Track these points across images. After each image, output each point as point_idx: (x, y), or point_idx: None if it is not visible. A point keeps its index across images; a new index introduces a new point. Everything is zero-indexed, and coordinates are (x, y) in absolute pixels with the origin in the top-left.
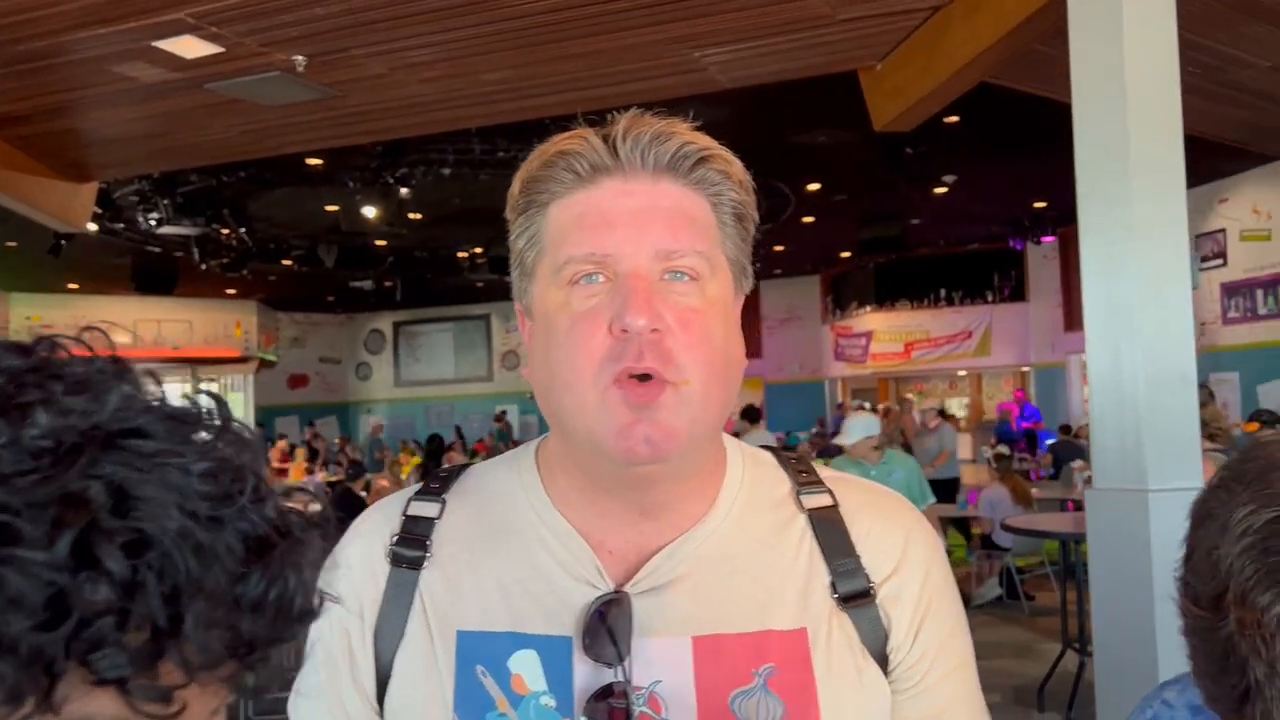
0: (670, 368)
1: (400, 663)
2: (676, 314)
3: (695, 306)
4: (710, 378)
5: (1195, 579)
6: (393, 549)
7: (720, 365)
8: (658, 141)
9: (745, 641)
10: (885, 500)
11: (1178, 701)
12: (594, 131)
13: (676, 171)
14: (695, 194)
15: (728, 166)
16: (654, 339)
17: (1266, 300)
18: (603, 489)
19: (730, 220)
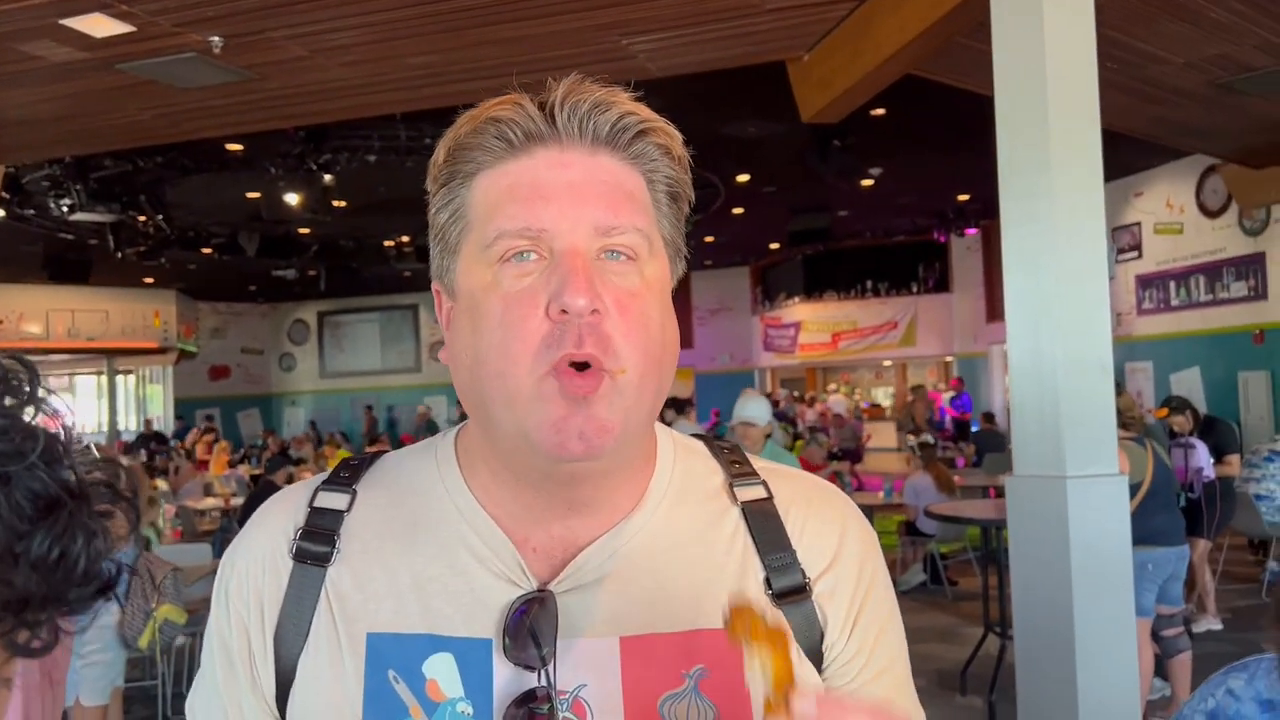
0: (609, 355)
1: (304, 666)
2: (614, 296)
3: (633, 288)
4: (647, 366)
5: None
6: (297, 543)
7: (657, 352)
8: (597, 111)
9: (675, 641)
10: (820, 492)
11: (1244, 693)
12: (529, 98)
13: (615, 144)
14: (631, 169)
15: (669, 141)
16: (592, 322)
17: (1179, 291)
18: (527, 483)
19: (665, 199)
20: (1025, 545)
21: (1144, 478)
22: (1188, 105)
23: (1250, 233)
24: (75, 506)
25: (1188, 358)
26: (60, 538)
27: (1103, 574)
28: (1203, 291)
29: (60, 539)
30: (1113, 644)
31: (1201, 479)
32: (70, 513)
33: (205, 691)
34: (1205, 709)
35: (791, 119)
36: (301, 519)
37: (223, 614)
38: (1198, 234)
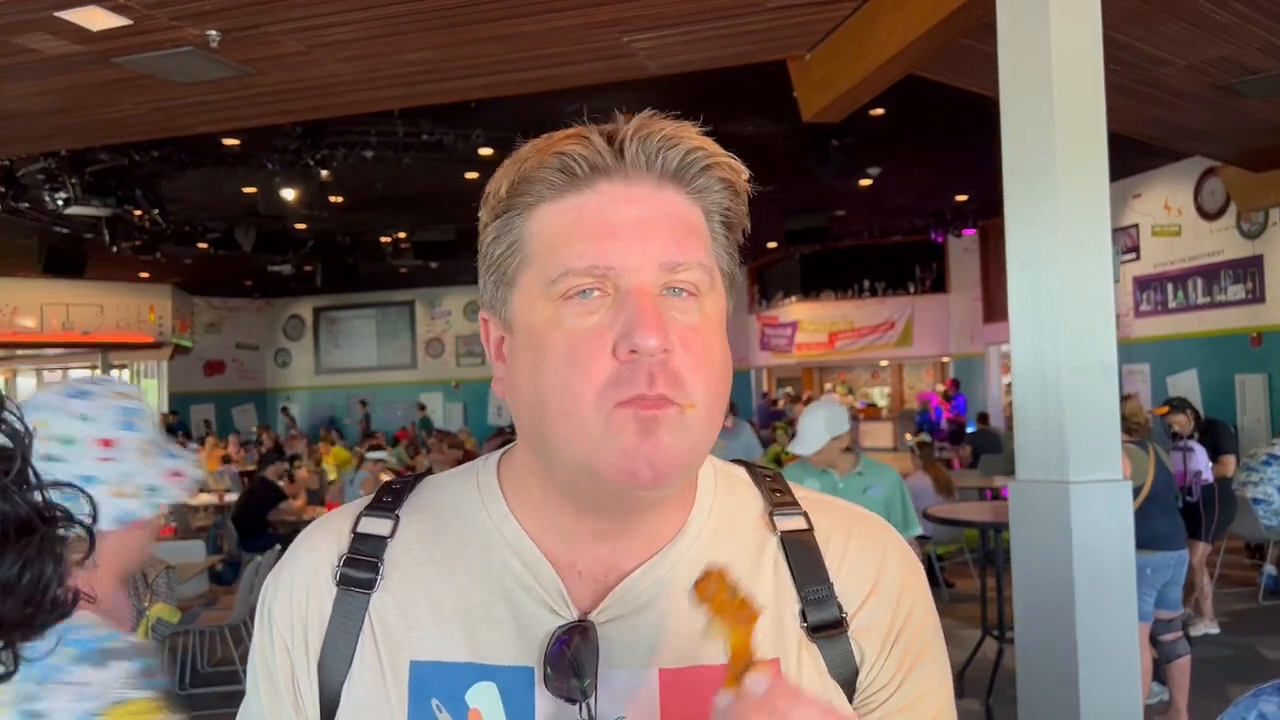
0: (679, 391)
1: (348, 693)
2: (680, 333)
3: (696, 324)
4: (713, 400)
5: None
6: (341, 570)
7: (720, 385)
8: (667, 145)
9: (715, 674)
10: (861, 522)
11: (1277, 715)
12: (596, 130)
13: (681, 179)
14: (693, 203)
15: (734, 176)
16: (662, 360)
17: (1176, 294)
18: (572, 510)
19: (720, 230)
20: (1028, 550)
21: (1145, 481)
22: (1189, 107)
23: (1248, 235)
24: (46, 531)
25: (1185, 360)
26: (32, 562)
27: (1106, 579)
28: (1200, 294)
29: (32, 563)
30: (1115, 650)
31: (1200, 482)
32: (42, 537)
33: (249, 714)
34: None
35: (790, 118)
36: (345, 545)
37: (266, 637)
38: (1195, 236)
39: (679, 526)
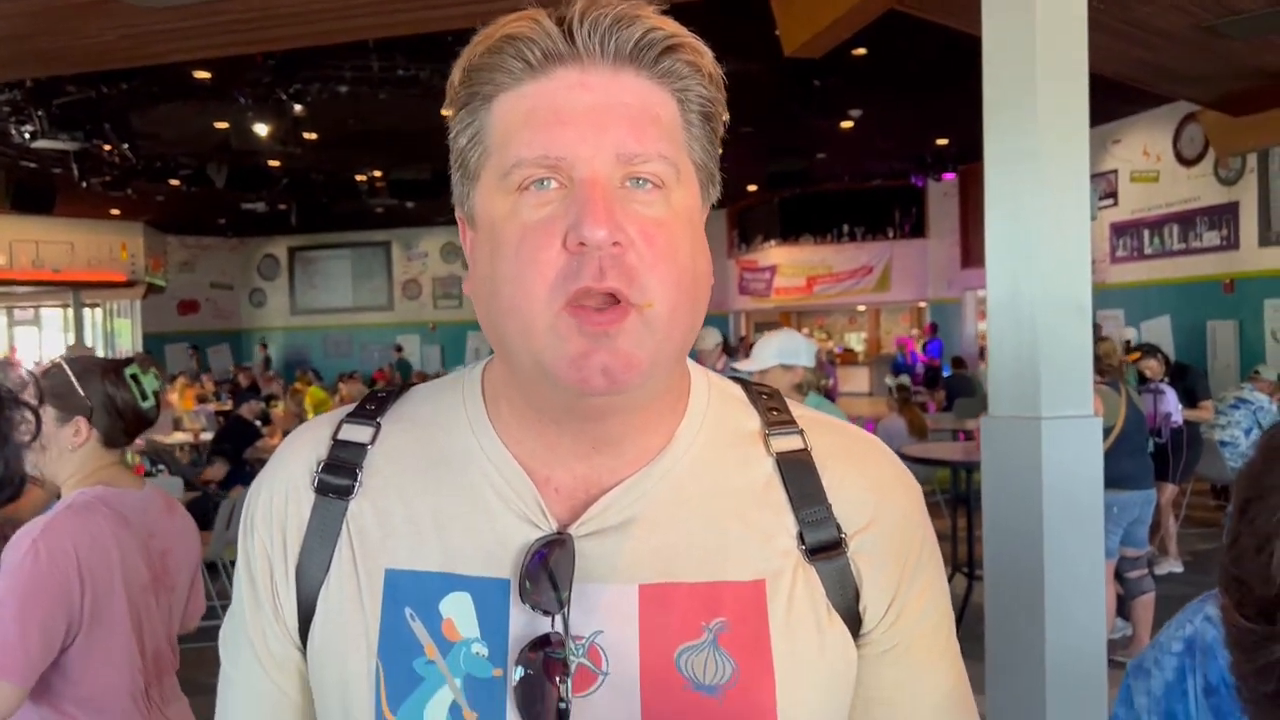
0: (634, 287)
1: (324, 599)
2: (639, 227)
3: (659, 218)
4: (677, 299)
5: (1242, 576)
6: (319, 476)
7: (688, 284)
8: (620, 26)
9: (696, 592)
10: (863, 445)
11: None
12: (547, 13)
13: (640, 62)
14: (660, 89)
15: (698, 58)
16: (615, 254)
17: (1152, 240)
18: (550, 419)
19: (698, 120)
20: (998, 485)
21: (1116, 422)
22: (1171, 48)
23: (1225, 182)
24: None
25: (1159, 306)
26: None
27: (1074, 515)
28: (1176, 240)
29: None
30: (1081, 584)
31: (1170, 425)
32: None
33: (235, 622)
34: (1183, 635)
35: (772, 57)
36: (324, 451)
37: (249, 543)
38: (1173, 182)
39: (665, 442)
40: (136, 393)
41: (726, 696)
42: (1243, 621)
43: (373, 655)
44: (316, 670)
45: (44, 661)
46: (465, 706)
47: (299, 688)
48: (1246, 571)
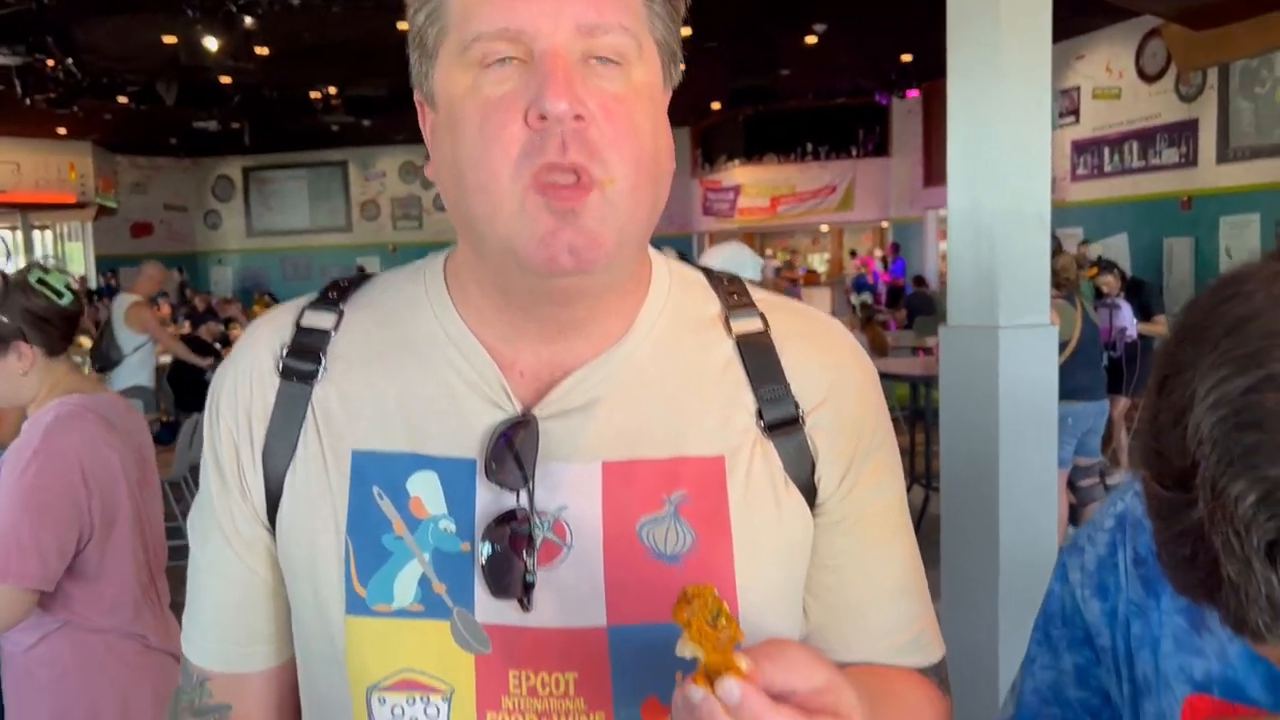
0: (596, 162)
1: (291, 482)
2: (600, 101)
3: (620, 93)
4: (639, 176)
5: (1160, 449)
6: (283, 361)
7: (649, 163)
8: None
9: (658, 468)
10: (820, 325)
11: None
12: None
13: None
14: None
15: None
16: (577, 128)
17: (1112, 158)
18: (516, 304)
19: None
20: (956, 394)
21: (1072, 335)
22: None
23: (1185, 99)
24: None
25: (1117, 224)
26: None
27: (1029, 422)
28: (1135, 158)
29: None
30: (1035, 489)
31: (1125, 339)
32: None
33: (202, 508)
34: (1114, 512)
35: None
36: (288, 336)
37: (215, 429)
38: (1135, 99)
39: (627, 326)
40: (51, 295)
41: (686, 565)
42: (1161, 491)
43: (341, 532)
44: (285, 549)
45: (61, 568)
46: (434, 579)
47: (268, 567)
48: (1164, 444)
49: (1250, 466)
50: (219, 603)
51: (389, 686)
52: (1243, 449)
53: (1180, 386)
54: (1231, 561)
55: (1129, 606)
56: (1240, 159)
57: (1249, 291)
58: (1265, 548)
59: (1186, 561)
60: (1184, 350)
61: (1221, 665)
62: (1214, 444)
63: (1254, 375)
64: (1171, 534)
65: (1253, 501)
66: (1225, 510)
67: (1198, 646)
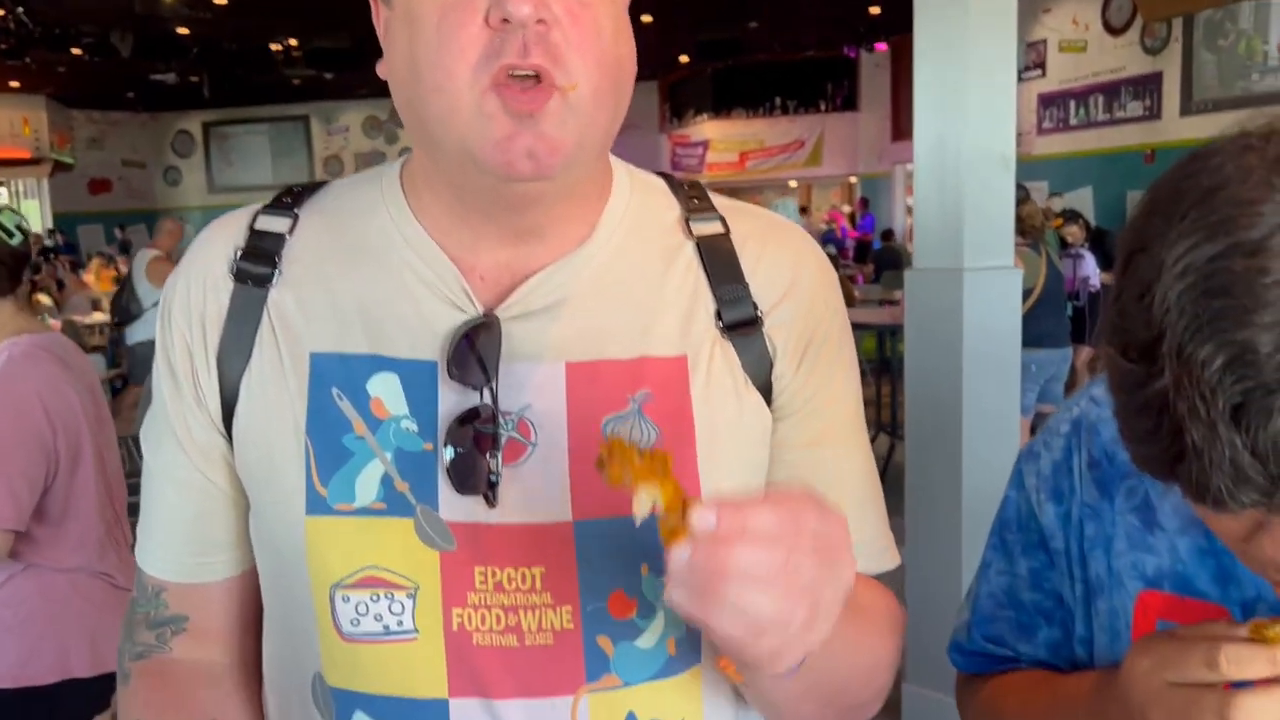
0: (559, 67)
1: (247, 385)
2: (564, 5)
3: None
4: (601, 81)
5: (1125, 324)
6: (237, 264)
7: (611, 67)
8: None
9: (621, 368)
10: (778, 228)
11: (1106, 399)
12: None
13: None
14: None
15: None
16: (539, 31)
17: (1078, 111)
18: (475, 208)
19: None
20: (920, 338)
21: (1036, 283)
22: None
23: (1150, 51)
24: None
25: (1082, 177)
26: None
27: (993, 366)
28: (1100, 111)
29: None
30: (997, 433)
31: (1088, 288)
32: None
33: (155, 417)
34: (1070, 417)
35: None
36: (242, 240)
37: (167, 335)
38: (1100, 52)
39: (588, 230)
40: (2, 235)
41: None
42: (1125, 363)
43: (300, 433)
44: (243, 453)
45: (31, 507)
46: (396, 478)
47: (225, 475)
48: (1129, 319)
49: (1218, 331)
50: (175, 512)
51: (352, 584)
52: (1211, 314)
53: (1146, 260)
54: (1196, 427)
55: (1083, 509)
56: (1203, 111)
57: (1217, 164)
58: (1230, 411)
59: (1149, 434)
60: (1151, 224)
61: (1172, 561)
62: (1181, 311)
63: (1222, 243)
64: (1135, 407)
65: (1220, 365)
66: (1191, 375)
67: (1149, 544)
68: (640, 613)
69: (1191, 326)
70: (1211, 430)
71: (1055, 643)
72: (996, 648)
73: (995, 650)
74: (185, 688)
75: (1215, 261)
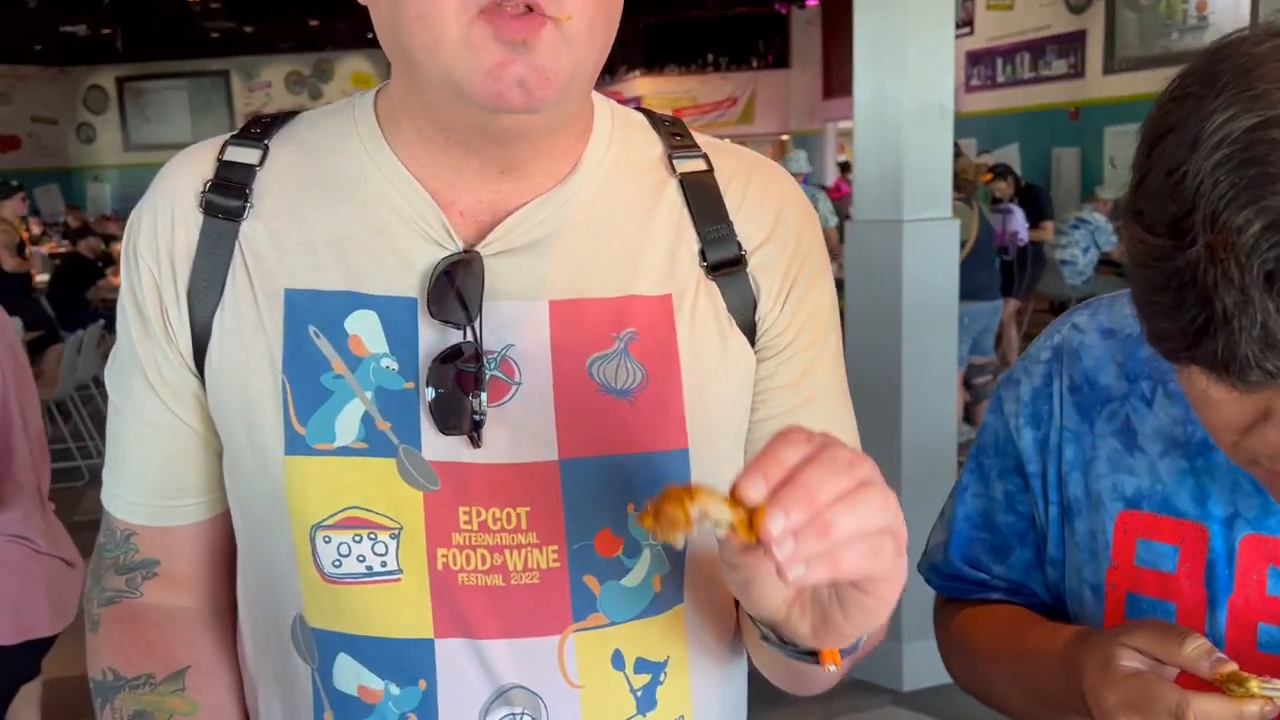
0: (552, 2)
1: (220, 322)
2: None
3: None
4: (595, 14)
5: (1150, 204)
6: (206, 196)
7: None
8: None
9: (606, 306)
10: (761, 167)
11: (1088, 325)
12: None
13: None
14: None
15: None
16: None
17: (1005, 69)
18: (457, 142)
19: None
20: (861, 289)
21: (969, 236)
22: None
23: (1075, 9)
24: None
25: (1009, 135)
26: None
27: (931, 315)
28: (1027, 69)
29: None
30: (936, 381)
31: (1017, 243)
32: None
33: (122, 358)
34: (1050, 344)
35: None
36: (210, 171)
37: (133, 272)
38: (1027, 10)
39: (571, 166)
40: None
41: (637, 400)
42: (1152, 239)
43: (277, 372)
44: (217, 393)
45: None
46: (378, 417)
47: (197, 416)
48: (1157, 198)
49: (1255, 198)
50: (145, 454)
51: (333, 525)
52: (1247, 181)
53: (1176, 140)
54: (1228, 293)
55: (1062, 432)
56: (1125, 70)
57: (1249, 49)
58: (1265, 276)
59: (1173, 309)
60: (1182, 106)
61: (1152, 481)
62: (1216, 181)
63: (1260, 114)
64: (1158, 282)
65: (1256, 231)
66: (1226, 242)
67: (1130, 465)
68: (626, 550)
69: (1228, 195)
70: (1244, 295)
71: (1027, 563)
72: (972, 570)
73: (970, 573)
74: (158, 632)
75: (1253, 132)
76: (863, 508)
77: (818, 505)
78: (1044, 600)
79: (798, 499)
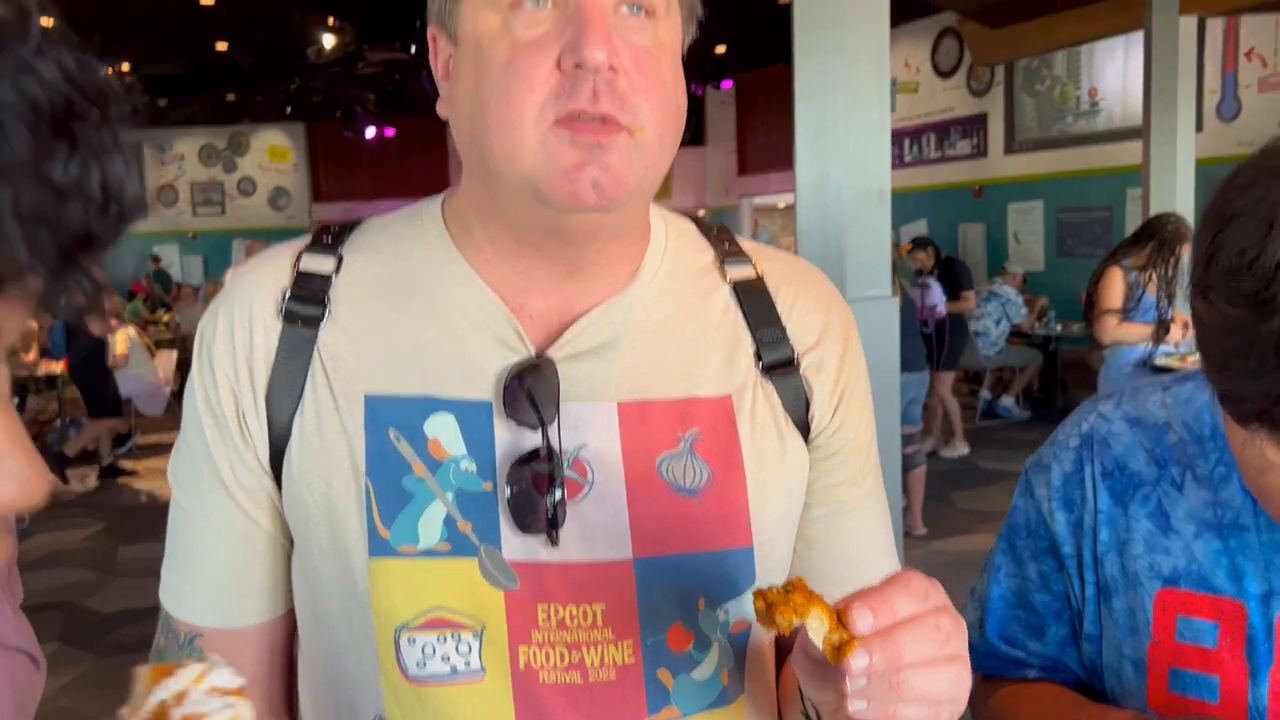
0: (625, 111)
1: (299, 426)
2: (631, 53)
3: (649, 46)
4: (665, 126)
5: (1225, 281)
6: (286, 305)
7: (674, 114)
8: None
9: (671, 407)
10: (808, 273)
11: (1114, 415)
12: None
13: None
14: None
15: None
16: (609, 78)
17: (912, 148)
18: (529, 244)
19: None
20: None
21: None
22: None
23: (976, 93)
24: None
25: (917, 211)
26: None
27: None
28: (933, 149)
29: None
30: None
31: (936, 316)
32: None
33: (191, 456)
34: (1079, 433)
35: None
36: (287, 281)
37: (207, 376)
38: (931, 94)
39: (632, 271)
40: None
41: (705, 498)
42: (1233, 311)
43: (360, 475)
44: (295, 495)
45: None
46: (459, 518)
47: (271, 518)
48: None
49: None
50: (215, 557)
51: (418, 626)
52: None
53: (1247, 224)
54: None
55: (1097, 516)
56: (1024, 150)
57: None
58: None
59: (1252, 373)
60: (1243, 197)
61: (1188, 560)
62: None
63: None
64: (1239, 349)
65: None
66: None
67: (1165, 546)
68: (697, 645)
69: None
70: None
71: (1063, 639)
72: (1009, 648)
73: (1007, 651)
74: None
75: None
76: (939, 680)
77: (902, 664)
78: (1079, 676)
79: (887, 650)
